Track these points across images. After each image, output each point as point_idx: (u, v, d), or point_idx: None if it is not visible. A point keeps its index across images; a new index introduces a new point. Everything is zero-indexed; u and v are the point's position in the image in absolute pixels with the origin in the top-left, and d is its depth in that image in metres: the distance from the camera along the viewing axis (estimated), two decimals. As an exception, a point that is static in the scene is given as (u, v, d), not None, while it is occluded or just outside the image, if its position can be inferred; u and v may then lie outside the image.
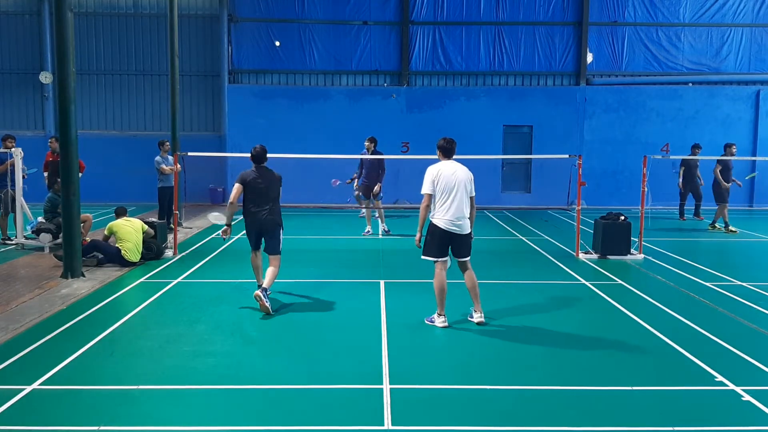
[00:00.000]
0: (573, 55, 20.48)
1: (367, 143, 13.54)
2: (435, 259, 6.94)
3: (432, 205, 6.88)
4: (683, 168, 15.80)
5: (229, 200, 7.73)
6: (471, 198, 6.97)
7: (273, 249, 7.85)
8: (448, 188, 6.80)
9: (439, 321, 6.96)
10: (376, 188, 13.48)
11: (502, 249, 12.08)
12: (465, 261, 7.03)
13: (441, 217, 6.83)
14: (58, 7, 8.89)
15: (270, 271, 7.73)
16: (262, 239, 7.89)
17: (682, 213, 16.18)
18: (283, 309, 7.58)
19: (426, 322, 7.06)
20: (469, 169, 7.03)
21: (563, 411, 4.82)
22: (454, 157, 7.11)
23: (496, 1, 20.26)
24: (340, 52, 20.46)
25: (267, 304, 7.34)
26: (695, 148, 15.70)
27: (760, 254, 12.36)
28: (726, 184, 14.38)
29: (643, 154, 12.37)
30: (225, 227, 7.77)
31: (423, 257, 7.01)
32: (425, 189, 6.87)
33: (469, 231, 6.97)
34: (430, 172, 6.88)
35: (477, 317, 7.00)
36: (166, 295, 8.30)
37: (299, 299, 8.15)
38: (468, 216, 6.92)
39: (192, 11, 20.66)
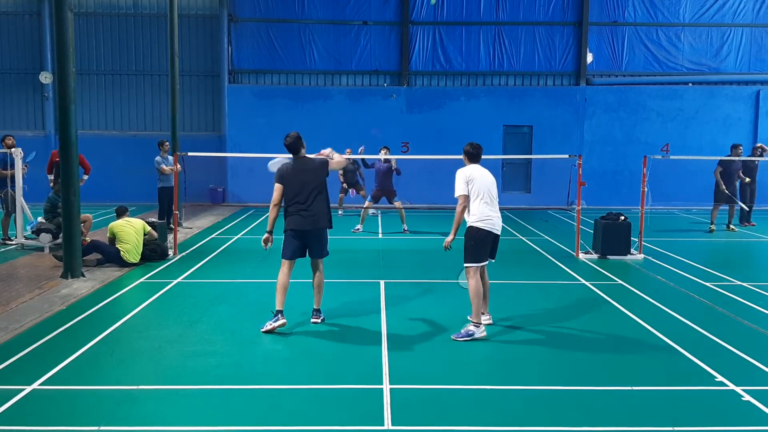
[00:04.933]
0: (573, 55, 20.47)
1: (384, 150, 13.86)
2: (479, 264, 6.59)
3: (467, 208, 6.62)
4: None
5: (272, 202, 6.76)
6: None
7: (320, 252, 6.88)
8: (485, 190, 6.61)
9: (479, 332, 6.51)
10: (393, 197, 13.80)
11: (502, 249, 11.93)
12: (489, 263, 6.87)
13: (484, 219, 6.56)
14: (58, 7, 8.89)
15: (318, 282, 7.02)
16: (305, 248, 6.86)
17: None
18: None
19: (458, 339, 6.45)
20: None
21: (563, 411, 4.82)
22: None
23: (496, 1, 20.25)
24: (340, 52, 20.46)
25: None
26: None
27: (760, 254, 12.36)
28: (724, 187, 14.09)
29: (643, 154, 12.36)
30: (266, 235, 6.77)
31: (469, 264, 6.56)
32: (460, 191, 6.58)
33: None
34: (462, 173, 6.65)
35: (485, 319, 6.86)
36: (166, 296, 8.29)
37: (299, 299, 8.13)
38: None
39: (192, 11, 20.66)
